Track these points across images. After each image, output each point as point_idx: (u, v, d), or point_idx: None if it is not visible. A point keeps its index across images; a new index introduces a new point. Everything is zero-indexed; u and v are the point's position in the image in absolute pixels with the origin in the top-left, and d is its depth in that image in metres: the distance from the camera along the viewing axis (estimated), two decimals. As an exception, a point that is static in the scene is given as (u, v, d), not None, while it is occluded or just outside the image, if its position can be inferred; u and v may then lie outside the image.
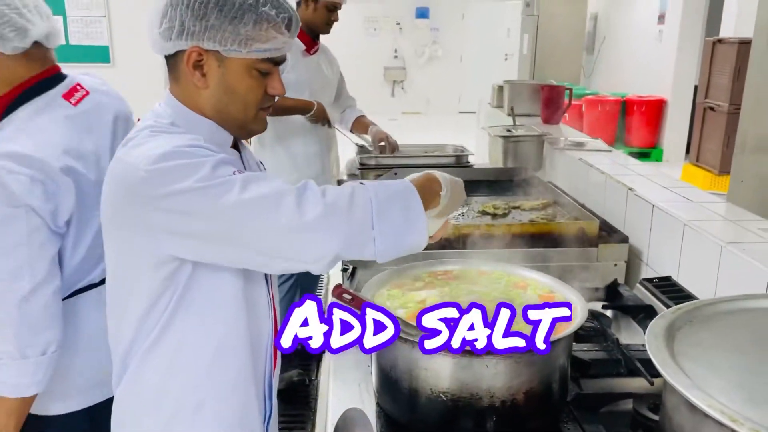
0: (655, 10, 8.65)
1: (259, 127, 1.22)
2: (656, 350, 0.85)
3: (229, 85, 1.13)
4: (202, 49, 1.10)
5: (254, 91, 1.15)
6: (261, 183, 1.05)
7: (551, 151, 3.06)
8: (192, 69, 1.12)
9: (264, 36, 1.10)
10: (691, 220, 1.79)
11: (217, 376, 1.17)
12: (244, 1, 1.09)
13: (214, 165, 1.04)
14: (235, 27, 1.08)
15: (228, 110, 1.16)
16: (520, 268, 1.47)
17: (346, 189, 1.08)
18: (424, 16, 12.62)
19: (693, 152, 6.87)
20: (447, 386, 1.08)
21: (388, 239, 1.06)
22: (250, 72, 1.13)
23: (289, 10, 1.13)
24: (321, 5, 2.78)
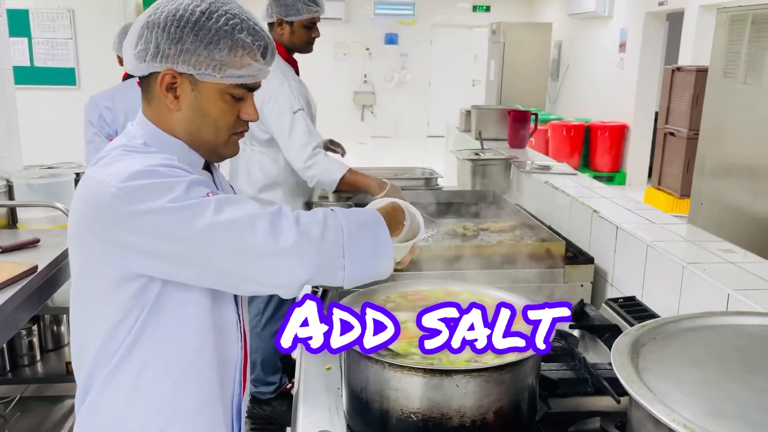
0: (616, 38, 8.92)
1: (230, 151, 1.22)
2: (621, 366, 0.87)
3: (202, 109, 1.14)
4: (176, 72, 1.11)
5: (227, 116, 1.15)
6: (235, 206, 1.05)
7: (518, 174, 3.12)
8: (165, 91, 1.12)
9: (239, 62, 1.11)
10: (654, 242, 1.83)
11: (182, 398, 1.15)
12: (220, 27, 1.10)
13: (188, 185, 1.04)
14: (210, 52, 1.09)
15: (200, 133, 1.16)
16: (489, 288, 1.48)
17: (318, 215, 1.08)
18: (392, 42, 12.79)
19: (655, 176, 7.05)
20: (418, 406, 1.08)
21: (357, 267, 1.08)
22: (223, 96, 1.13)
23: (265, 38, 1.15)
24: (298, 26, 2.70)
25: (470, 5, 12.62)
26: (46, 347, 2.80)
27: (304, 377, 1.49)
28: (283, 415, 2.98)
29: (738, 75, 2.96)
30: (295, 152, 2.62)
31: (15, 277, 2.01)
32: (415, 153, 10.54)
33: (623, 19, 8.80)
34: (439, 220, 2.61)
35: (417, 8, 12.39)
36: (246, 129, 1.21)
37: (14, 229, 2.65)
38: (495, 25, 9.81)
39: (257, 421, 3.02)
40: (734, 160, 2.89)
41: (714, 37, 3.15)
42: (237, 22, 1.11)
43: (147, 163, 1.06)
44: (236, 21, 1.11)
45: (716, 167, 2.99)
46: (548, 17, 11.24)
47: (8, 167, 3.08)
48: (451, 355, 1.12)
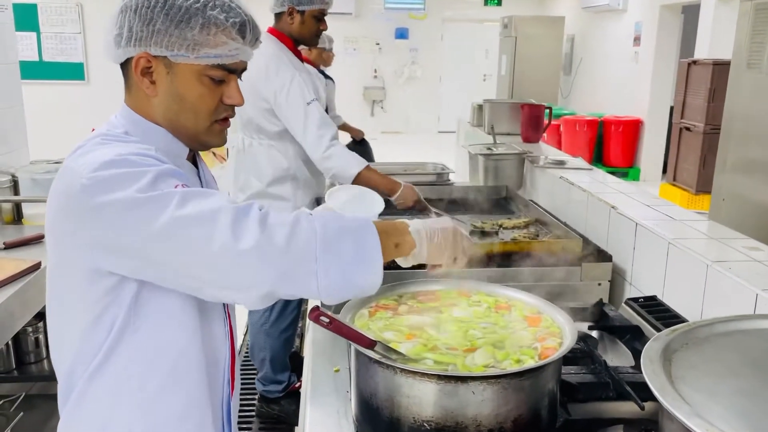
0: (630, 32, 8.80)
1: (213, 139, 1.15)
2: (653, 375, 0.81)
3: (178, 93, 1.09)
4: (150, 55, 1.06)
5: (206, 100, 1.09)
6: (201, 200, 0.97)
7: (532, 170, 3.04)
8: (141, 76, 1.08)
9: (212, 41, 1.05)
10: (675, 239, 1.76)
11: (168, 402, 1.10)
12: (191, 4, 1.04)
13: (155, 176, 0.97)
14: (182, 31, 1.04)
15: (178, 120, 1.11)
16: (504, 288, 1.42)
17: (289, 217, 0.99)
18: (403, 37, 12.71)
19: (670, 172, 6.94)
20: (431, 414, 1.02)
21: (334, 276, 0.97)
22: (200, 79, 1.08)
23: (241, 14, 1.09)
24: (308, 16, 2.65)
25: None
26: (52, 344, 2.78)
27: (312, 379, 1.44)
28: (292, 415, 2.93)
29: (762, 66, 2.86)
30: (311, 143, 2.57)
31: (19, 273, 1.98)
32: (426, 149, 10.45)
33: (638, 12, 8.67)
34: (452, 216, 2.54)
35: (427, 2, 12.29)
36: (230, 114, 1.15)
37: (19, 224, 2.62)
38: (507, 19, 9.70)
39: (266, 420, 2.97)
40: (758, 155, 2.79)
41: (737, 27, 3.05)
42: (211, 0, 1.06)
43: (118, 152, 1.00)
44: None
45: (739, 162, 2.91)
46: (561, 11, 11.11)
47: (14, 162, 3.04)
48: (466, 359, 1.06)
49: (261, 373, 2.94)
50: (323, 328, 1.05)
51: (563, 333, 1.19)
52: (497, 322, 1.26)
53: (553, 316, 1.26)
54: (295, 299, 2.86)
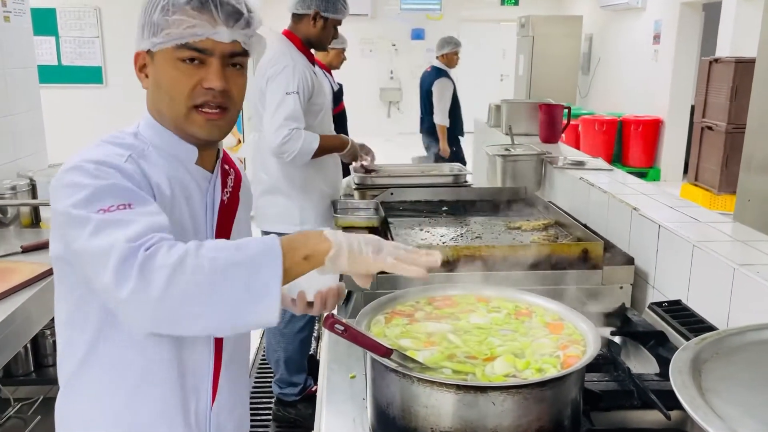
0: (650, 30, 8.69)
1: (197, 129, 1.11)
2: (683, 387, 0.77)
3: (156, 80, 1.11)
4: (142, 52, 1.11)
5: (179, 84, 1.08)
6: (111, 232, 0.92)
7: (551, 170, 3.00)
8: (138, 72, 1.13)
9: (173, 21, 1.06)
10: (700, 241, 1.72)
11: (136, 410, 1.13)
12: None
13: (93, 192, 0.97)
14: (149, 18, 1.07)
15: (160, 109, 1.13)
16: (524, 293, 1.38)
17: (175, 255, 0.90)
18: (419, 37, 12.67)
19: (691, 172, 6.84)
20: (449, 425, 0.99)
21: (221, 316, 0.90)
22: (174, 64, 1.08)
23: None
24: (330, 23, 2.71)
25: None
26: (70, 347, 2.79)
27: (328, 385, 1.42)
28: (309, 418, 2.91)
29: (790, 63, 2.79)
30: (272, 129, 2.59)
31: (35, 277, 1.98)
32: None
33: (657, 10, 8.56)
34: (468, 218, 2.51)
35: (444, 3, 12.23)
36: (213, 101, 1.09)
37: (37, 227, 2.63)
38: (524, 18, 9.63)
39: (282, 424, 2.96)
40: (786, 154, 2.72)
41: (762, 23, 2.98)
42: None
43: (85, 157, 1.02)
44: None
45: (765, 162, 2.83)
46: (578, 10, 11.01)
47: (33, 165, 3.06)
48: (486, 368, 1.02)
49: (277, 375, 2.93)
50: (338, 335, 1.02)
51: (586, 341, 1.15)
52: (517, 329, 1.22)
53: (575, 323, 1.23)
54: None
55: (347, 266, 0.97)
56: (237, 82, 1.12)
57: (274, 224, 2.78)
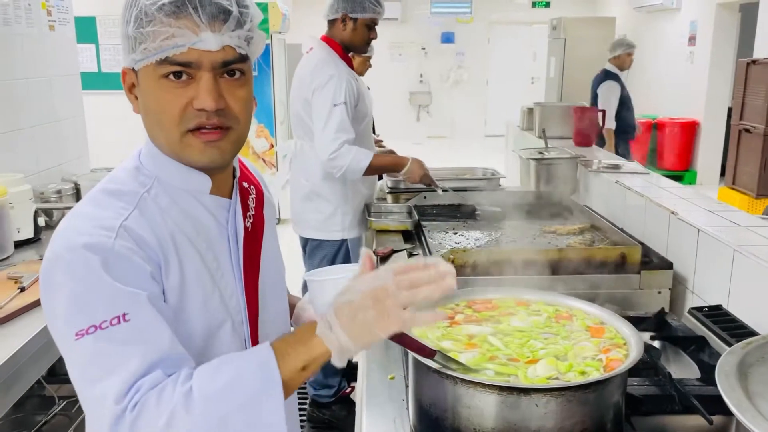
0: (685, 31, 8.55)
1: (193, 155, 0.95)
2: (729, 390, 0.77)
3: (144, 103, 0.95)
4: (127, 69, 0.95)
5: (167, 106, 0.92)
6: (103, 379, 0.83)
7: (585, 174, 2.98)
8: (129, 93, 0.97)
9: (149, 34, 0.89)
10: (741, 246, 1.70)
11: None
12: (131, 2, 0.92)
13: (80, 300, 0.86)
14: (126, 32, 0.92)
15: (154, 135, 0.97)
16: (563, 297, 1.39)
17: (165, 413, 0.81)
18: (449, 41, 12.67)
19: (729, 175, 6.70)
20: (492, 426, 1.00)
21: None
22: (159, 83, 0.91)
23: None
24: (361, 24, 2.70)
25: (529, 1, 12.37)
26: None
27: (367, 387, 1.44)
28: (343, 420, 2.94)
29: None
30: (324, 143, 2.61)
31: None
32: (473, 153, 10.39)
33: (693, 11, 8.43)
34: (501, 223, 2.51)
35: (474, 6, 12.22)
36: (208, 123, 0.93)
37: (81, 230, 2.70)
38: (555, 20, 9.56)
39: (317, 425, 2.99)
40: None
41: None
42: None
43: (70, 241, 0.88)
44: None
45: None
46: (611, 11, 10.88)
47: (76, 170, 3.16)
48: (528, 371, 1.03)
49: (312, 377, 2.96)
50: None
51: (629, 345, 1.15)
52: (558, 333, 1.23)
53: (617, 327, 1.23)
54: None
55: (360, 350, 0.86)
56: (236, 94, 0.94)
57: (317, 232, 2.80)
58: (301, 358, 0.86)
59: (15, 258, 2.24)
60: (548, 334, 1.22)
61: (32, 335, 1.68)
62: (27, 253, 2.31)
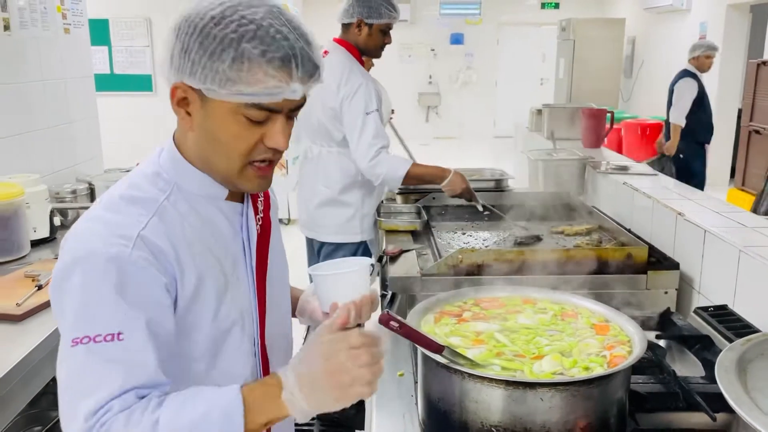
0: (695, 32, 8.53)
1: (247, 184, 1.01)
2: (728, 385, 0.80)
3: (211, 131, 0.96)
4: (186, 85, 0.95)
5: (241, 140, 0.95)
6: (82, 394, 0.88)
7: (593, 175, 3.00)
8: (177, 106, 0.98)
9: (246, 77, 0.91)
10: (747, 246, 1.71)
11: None
12: (226, 34, 0.91)
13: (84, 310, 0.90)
14: (213, 63, 0.91)
15: (210, 159, 1.00)
16: (569, 296, 1.41)
17: None
18: (458, 42, 12.69)
19: (738, 176, 6.69)
20: (499, 419, 1.03)
21: None
22: (235, 117, 0.94)
23: (285, 47, 0.92)
24: (376, 29, 2.70)
25: (538, 2, 12.37)
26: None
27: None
28: (352, 419, 2.96)
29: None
30: (361, 151, 2.62)
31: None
32: (482, 154, 10.40)
33: (703, 12, 8.40)
34: (510, 222, 2.54)
35: (483, 7, 12.23)
36: (273, 158, 1.00)
37: (96, 230, 2.75)
38: (565, 22, 9.56)
39: (326, 423, 3.02)
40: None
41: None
42: (250, 29, 0.91)
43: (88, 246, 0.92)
44: (249, 27, 0.91)
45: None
46: (621, 12, 10.87)
47: (90, 170, 3.20)
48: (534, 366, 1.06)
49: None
50: (393, 332, 1.07)
51: (632, 342, 1.18)
52: (564, 330, 1.26)
53: (621, 325, 1.25)
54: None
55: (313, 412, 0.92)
56: (290, 132, 1.00)
57: (336, 235, 2.81)
58: (266, 416, 0.90)
59: (31, 257, 2.29)
60: (554, 331, 1.25)
61: (49, 333, 1.72)
62: (43, 252, 2.36)
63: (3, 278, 2.01)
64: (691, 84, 5.55)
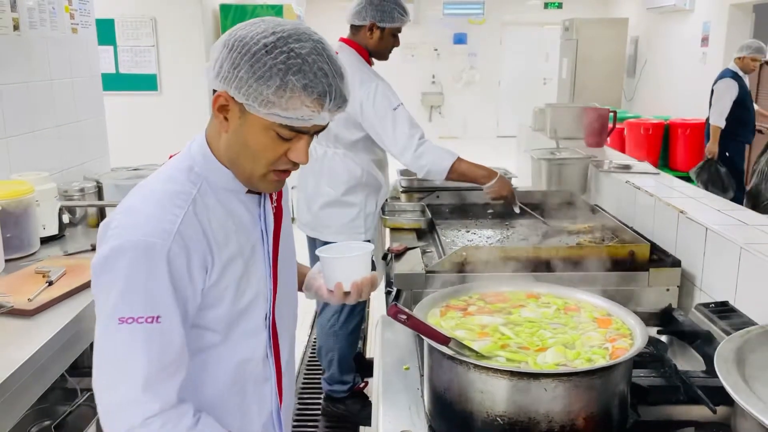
0: (698, 32, 8.54)
1: (266, 186, 1.15)
2: (727, 374, 0.82)
3: (244, 138, 1.09)
4: (229, 96, 1.07)
5: (269, 151, 1.09)
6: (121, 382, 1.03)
7: (596, 174, 3.02)
8: (217, 111, 1.10)
9: (284, 103, 1.03)
10: (748, 244, 1.74)
11: None
12: (275, 63, 1.03)
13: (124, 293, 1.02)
14: (259, 86, 1.03)
15: (237, 160, 1.12)
16: (572, 291, 1.44)
17: None
18: (461, 42, 12.71)
19: (740, 175, 6.69)
20: (504, 409, 1.06)
21: None
22: (267, 132, 1.07)
23: (323, 84, 1.04)
24: (387, 33, 2.72)
25: (542, 2, 12.38)
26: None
27: (383, 377, 1.49)
28: (357, 414, 3.00)
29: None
30: (402, 145, 2.57)
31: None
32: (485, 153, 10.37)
33: (705, 12, 8.41)
34: (513, 221, 2.56)
35: (487, 7, 12.25)
36: (292, 168, 1.14)
37: (103, 228, 2.78)
38: (568, 21, 9.58)
39: (331, 419, 3.05)
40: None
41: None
42: (296, 62, 1.03)
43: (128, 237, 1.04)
44: (296, 61, 1.03)
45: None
46: (624, 12, 10.88)
47: (98, 169, 3.23)
48: (538, 358, 1.09)
49: (327, 374, 3.02)
50: (401, 324, 1.10)
51: (634, 334, 1.20)
52: (567, 323, 1.28)
53: (623, 318, 1.28)
54: (363, 302, 2.94)
55: None
56: None
57: (340, 235, 2.80)
58: None
59: (41, 254, 2.31)
60: (557, 324, 1.28)
61: (60, 328, 1.74)
62: (52, 249, 2.39)
63: (14, 274, 2.04)
64: (731, 85, 5.47)
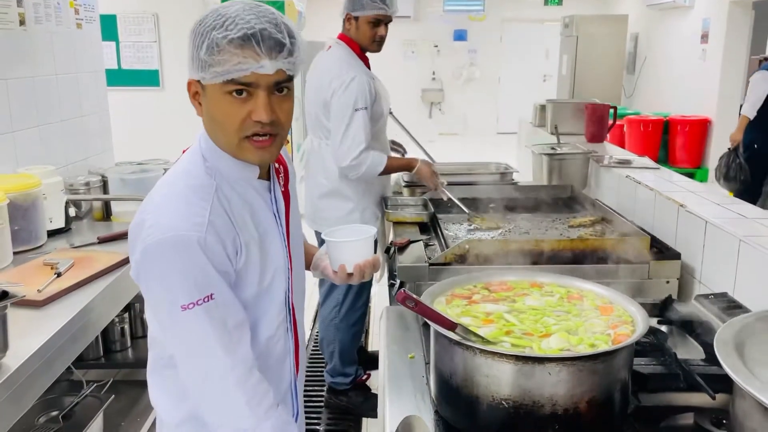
0: (697, 29, 8.56)
1: (249, 156, 1.16)
2: (726, 356, 0.85)
3: (211, 113, 1.14)
4: (193, 80, 1.14)
5: (230, 117, 1.12)
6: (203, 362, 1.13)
7: (597, 169, 3.05)
8: (193, 99, 1.17)
9: (217, 59, 1.08)
10: (747, 236, 1.76)
11: None
12: (202, 29, 1.10)
13: (176, 284, 1.08)
14: (198, 54, 1.10)
15: (216, 138, 1.17)
16: (575, 280, 1.47)
17: None
18: (461, 38, 12.71)
19: (740, 172, 6.71)
20: (509, 393, 1.08)
21: None
22: (223, 98, 1.11)
23: (243, 28, 1.08)
24: (362, 22, 2.71)
25: (541, -1, 12.39)
26: (136, 334, 2.94)
27: (389, 366, 1.52)
28: (360, 406, 3.03)
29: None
30: (344, 150, 2.67)
31: (113, 265, 2.13)
32: (485, 150, 10.43)
33: (705, 9, 8.43)
34: (515, 215, 2.59)
35: (487, 3, 12.25)
36: (263, 131, 1.13)
37: (108, 221, 2.80)
38: (568, 18, 9.59)
39: (334, 411, 3.08)
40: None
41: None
42: (220, 21, 1.09)
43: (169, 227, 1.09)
44: (220, 21, 1.09)
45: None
46: (623, 9, 10.89)
47: (102, 164, 3.26)
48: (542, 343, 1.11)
49: (330, 366, 3.05)
50: (409, 309, 1.13)
51: (635, 321, 1.23)
52: (570, 311, 1.31)
53: (624, 306, 1.31)
54: (365, 296, 2.97)
55: None
56: (283, 107, 1.15)
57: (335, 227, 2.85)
58: None
59: (47, 247, 2.34)
60: (560, 312, 1.30)
61: (69, 318, 1.77)
62: (58, 242, 2.41)
63: (23, 266, 2.07)
64: (766, 76, 5.49)
